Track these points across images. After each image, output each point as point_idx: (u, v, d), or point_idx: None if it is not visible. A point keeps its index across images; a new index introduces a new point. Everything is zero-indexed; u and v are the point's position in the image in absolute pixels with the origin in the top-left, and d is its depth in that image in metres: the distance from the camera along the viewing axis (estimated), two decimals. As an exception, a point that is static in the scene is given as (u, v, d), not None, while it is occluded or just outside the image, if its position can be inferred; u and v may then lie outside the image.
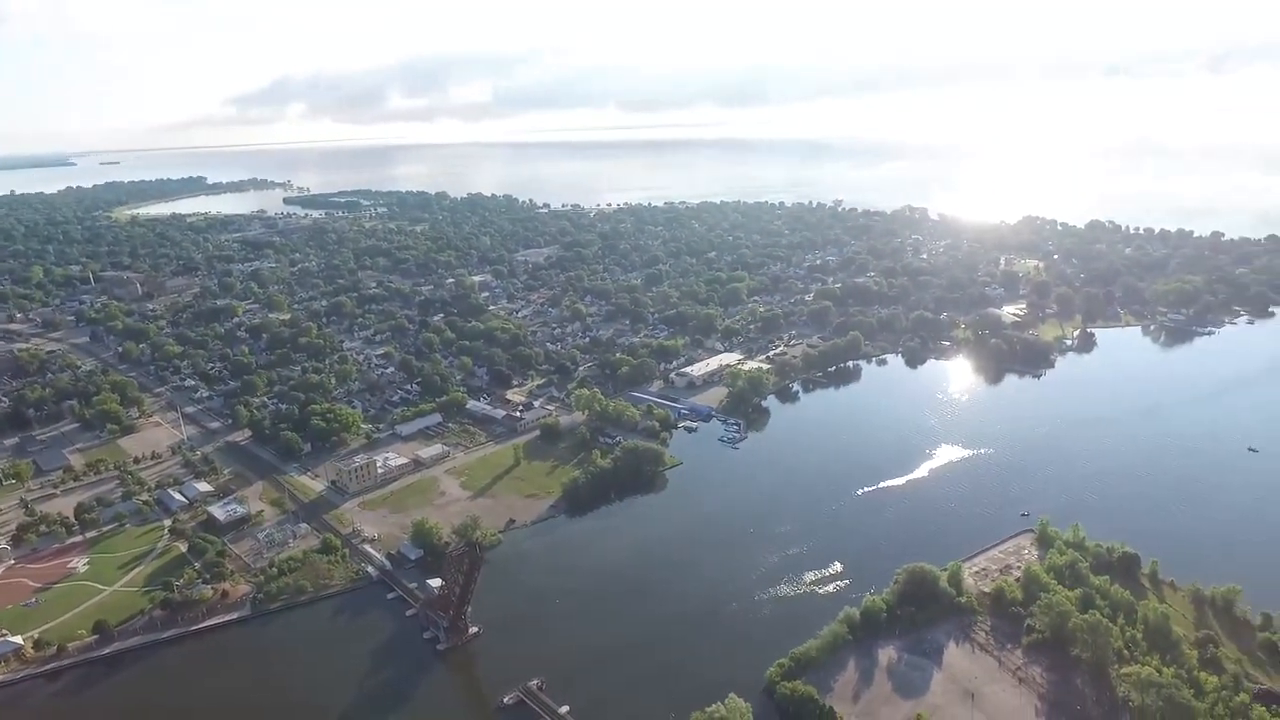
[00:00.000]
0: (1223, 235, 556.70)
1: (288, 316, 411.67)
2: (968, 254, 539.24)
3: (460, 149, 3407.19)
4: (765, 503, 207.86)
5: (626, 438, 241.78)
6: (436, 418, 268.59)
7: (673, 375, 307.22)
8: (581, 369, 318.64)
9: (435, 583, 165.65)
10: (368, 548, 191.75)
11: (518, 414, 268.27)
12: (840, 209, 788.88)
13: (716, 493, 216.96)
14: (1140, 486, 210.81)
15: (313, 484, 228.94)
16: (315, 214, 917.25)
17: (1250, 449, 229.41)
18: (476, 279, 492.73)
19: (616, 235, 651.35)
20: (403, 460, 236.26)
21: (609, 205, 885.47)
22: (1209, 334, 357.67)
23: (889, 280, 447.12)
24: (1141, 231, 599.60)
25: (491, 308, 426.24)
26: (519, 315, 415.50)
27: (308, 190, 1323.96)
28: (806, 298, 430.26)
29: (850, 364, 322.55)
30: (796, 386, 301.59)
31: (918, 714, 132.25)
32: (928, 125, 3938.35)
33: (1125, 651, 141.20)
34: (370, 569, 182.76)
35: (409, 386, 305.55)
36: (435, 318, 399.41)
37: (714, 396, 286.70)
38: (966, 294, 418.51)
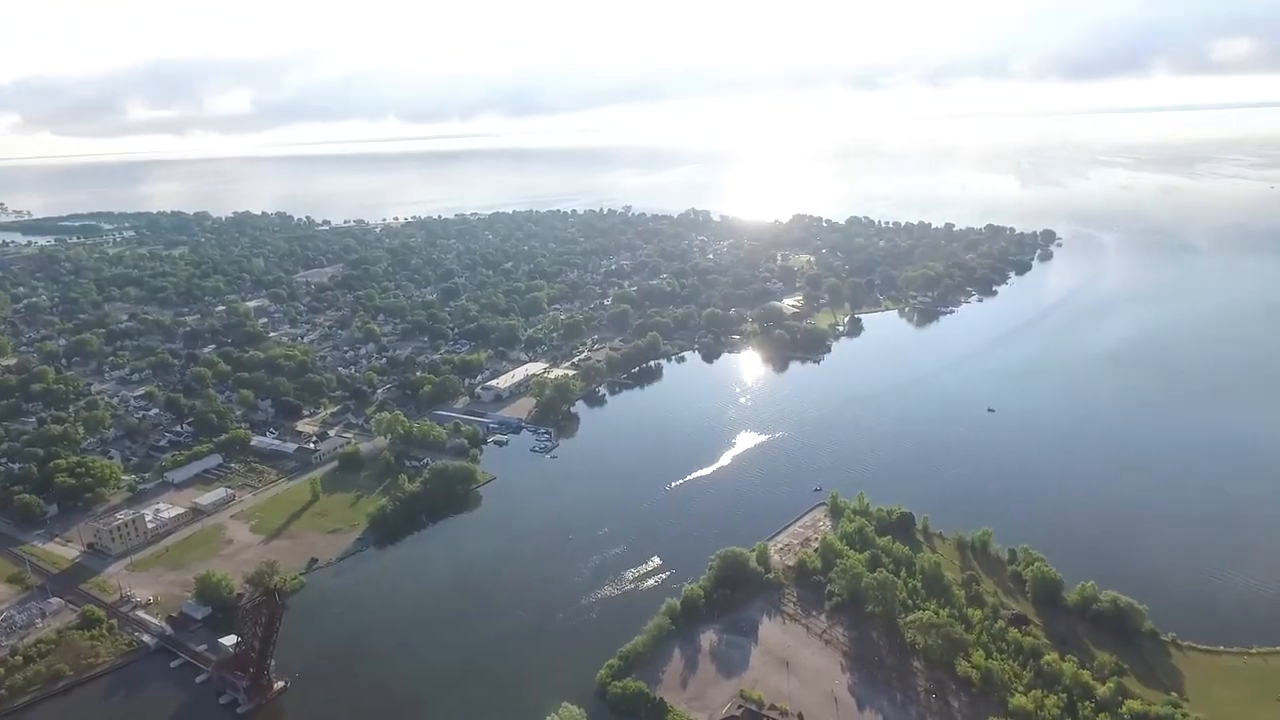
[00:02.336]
0: (954, 226, 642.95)
1: (14, 361, 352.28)
2: (749, 252, 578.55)
3: (221, 164, 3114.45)
4: (582, 508, 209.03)
5: (434, 459, 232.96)
6: (216, 459, 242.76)
7: (478, 390, 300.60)
8: (380, 392, 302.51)
9: (229, 640, 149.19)
10: (142, 614, 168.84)
11: (312, 445, 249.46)
12: (630, 214, 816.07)
13: (533, 504, 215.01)
14: (908, 451, 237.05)
15: (64, 551, 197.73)
16: (42, 241, 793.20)
17: (989, 409, 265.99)
18: (252, 304, 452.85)
19: (407, 250, 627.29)
20: (178, 510, 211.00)
21: (396, 219, 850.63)
22: (950, 312, 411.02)
23: (680, 281, 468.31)
24: (891, 225, 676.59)
25: (272, 334, 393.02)
26: (305, 340, 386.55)
27: (29, 214, 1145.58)
28: (605, 302, 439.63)
29: (652, 363, 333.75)
30: (603, 390, 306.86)
31: (740, 689, 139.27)
32: (700, 132, 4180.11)
33: (909, 601, 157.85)
34: (147, 638, 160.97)
35: (179, 428, 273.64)
36: (206, 349, 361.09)
37: (522, 407, 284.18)
38: (751, 289, 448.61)
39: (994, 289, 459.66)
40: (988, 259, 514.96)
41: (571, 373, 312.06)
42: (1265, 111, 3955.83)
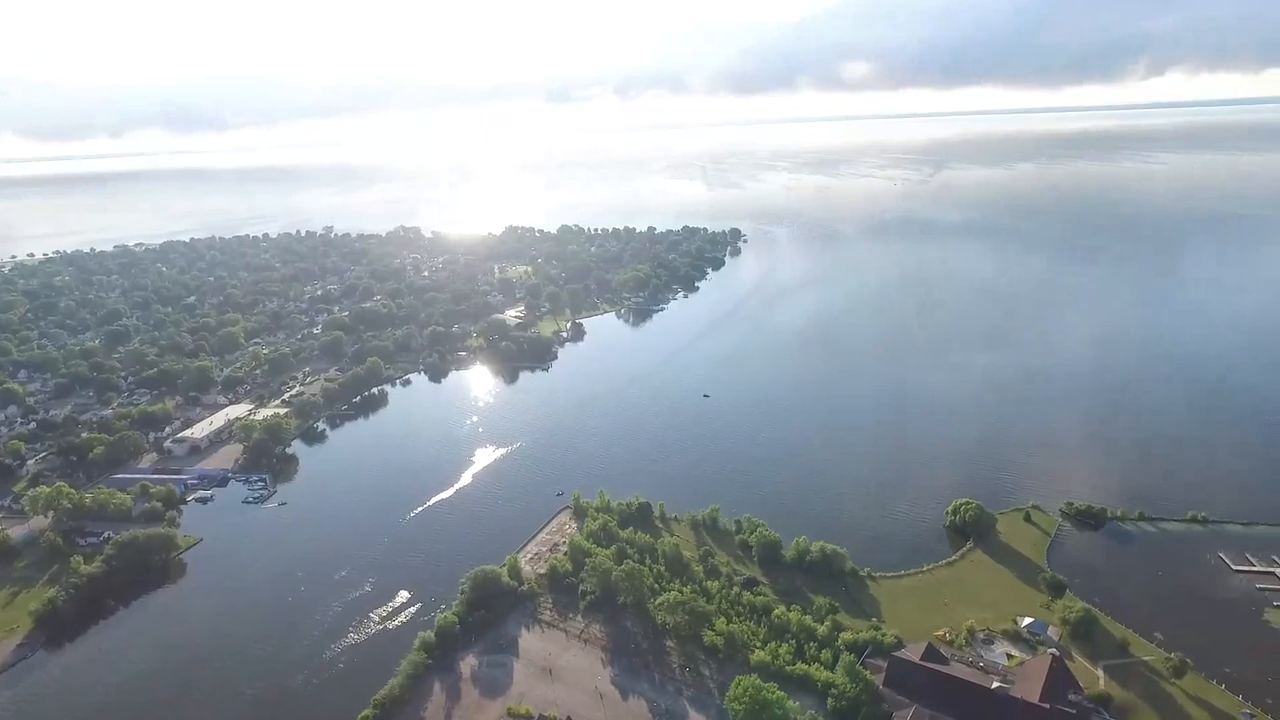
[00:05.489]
0: (655, 229, 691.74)
1: None
2: (465, 266, 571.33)
3: None
4: (313, 554, 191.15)
5: (118, 530, 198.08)
6: None
7: (168, 443, 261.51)
8: (32, 462, 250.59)
9: None
10: None
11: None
12: (333, 235, 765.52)
13: (253, 560, 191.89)
14: (639, 443, 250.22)
15: None
16: None
17: (705, 395, 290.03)
18: None
19: (52, 291, 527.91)
20: None
21: (32, 256, 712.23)
22: (661, 310, 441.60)
23: (397, 301, 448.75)
24: (600, 231, 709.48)
25: None
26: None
27: None
28: (315, 330, 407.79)
29: (375, 390, 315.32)
30: (322, 425, 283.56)
31: (508, 708, 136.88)
32: (398, 148, 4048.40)
33: (656, 585, 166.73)
34: None
35: None
36: None
37: (228, 456, 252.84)
38: (472, 304, 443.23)
39: (696, 285, 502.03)
40: (688, 258, 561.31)
41: (283, 410, 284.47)
42: (884, 122, 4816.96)
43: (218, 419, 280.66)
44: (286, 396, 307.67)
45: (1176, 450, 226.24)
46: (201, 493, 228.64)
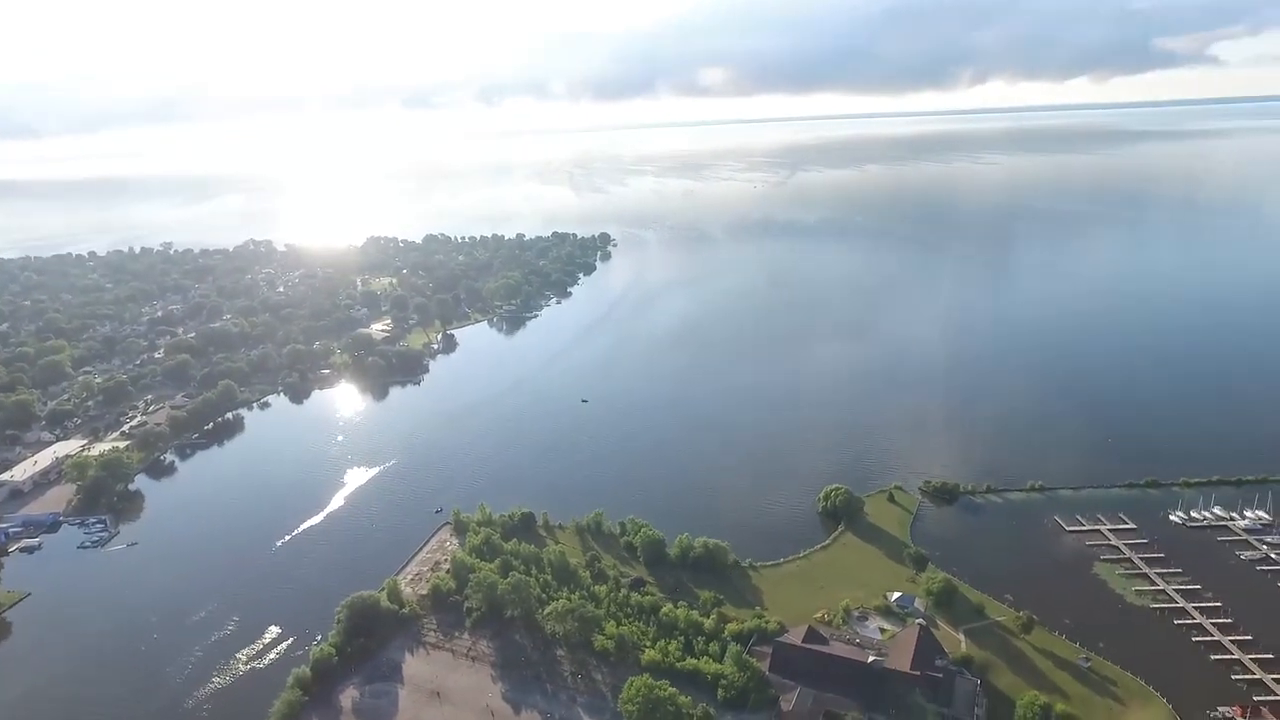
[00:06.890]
0: (524, 235, 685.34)
1: None
2: (325, 280, 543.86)
3: None
4: (166, 597, 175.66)
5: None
6: None
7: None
8: None
9: None
10: None
11: None
12: (173, 251, 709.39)
13: (94, 611, 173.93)
14: (518, 453, 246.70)
15: None
16: None
17: (583, 400, 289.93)
18: None
19: None
20: None
21: None
22: (534, 317, 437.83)
23: (250, 320, 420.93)
24: (467, 240, 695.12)
25: None
26: None
27: None
28: (156, 355, 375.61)
29: (229, 416, 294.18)
30: (171, 456, 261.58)
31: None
32: (244, 156, 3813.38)
33: (543, 595, 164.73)
34: None
35: None
36: None
37: (58, 498, 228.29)
38: (333, 319, 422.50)
39: (568, 290, 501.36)
40: (558, 263, 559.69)
41: (123, 444, 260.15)
42: (742, 127, 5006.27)
43: (43, 458, 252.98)
44: (126, 428, 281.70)
45: (1017, 426, 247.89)
46: (27, 541, 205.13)
